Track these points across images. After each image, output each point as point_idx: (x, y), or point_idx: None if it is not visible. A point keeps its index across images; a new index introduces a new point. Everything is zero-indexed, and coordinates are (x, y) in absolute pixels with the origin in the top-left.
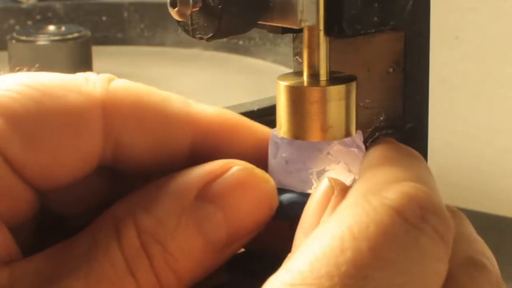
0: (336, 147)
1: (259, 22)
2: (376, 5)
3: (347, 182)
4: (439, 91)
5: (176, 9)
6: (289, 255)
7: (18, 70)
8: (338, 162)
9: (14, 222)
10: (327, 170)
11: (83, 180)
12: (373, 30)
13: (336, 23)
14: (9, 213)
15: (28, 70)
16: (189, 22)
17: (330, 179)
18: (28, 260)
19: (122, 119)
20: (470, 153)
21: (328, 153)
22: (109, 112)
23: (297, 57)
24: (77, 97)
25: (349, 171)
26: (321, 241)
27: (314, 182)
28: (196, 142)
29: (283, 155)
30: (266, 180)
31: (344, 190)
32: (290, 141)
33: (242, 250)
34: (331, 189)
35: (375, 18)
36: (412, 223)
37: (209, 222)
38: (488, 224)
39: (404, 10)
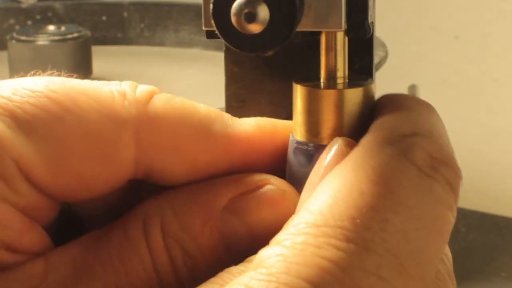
0: None
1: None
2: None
3: None
4: (439, 91)
5: (252, 23)
6: (297, 209)
7: (34, 74)
8: None
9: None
10: None
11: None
12: (371, 27)
13: (358, 24)
14: (36, 219)
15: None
16: (244, 37)
17: (343, 139)
18: (63, 250)
19: (157, 147)
20: (470, 153)
21: None
22: (143, 139)
23: (232, 66)
24: (108, 122)
25: None
26: (337, 185)
27: None
28: (234, 161)
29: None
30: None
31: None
32: (324, 146)
33: None
34: (346, 147)
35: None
36: (425, 172)
37: (233, 235)
38: (488, 224)
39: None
